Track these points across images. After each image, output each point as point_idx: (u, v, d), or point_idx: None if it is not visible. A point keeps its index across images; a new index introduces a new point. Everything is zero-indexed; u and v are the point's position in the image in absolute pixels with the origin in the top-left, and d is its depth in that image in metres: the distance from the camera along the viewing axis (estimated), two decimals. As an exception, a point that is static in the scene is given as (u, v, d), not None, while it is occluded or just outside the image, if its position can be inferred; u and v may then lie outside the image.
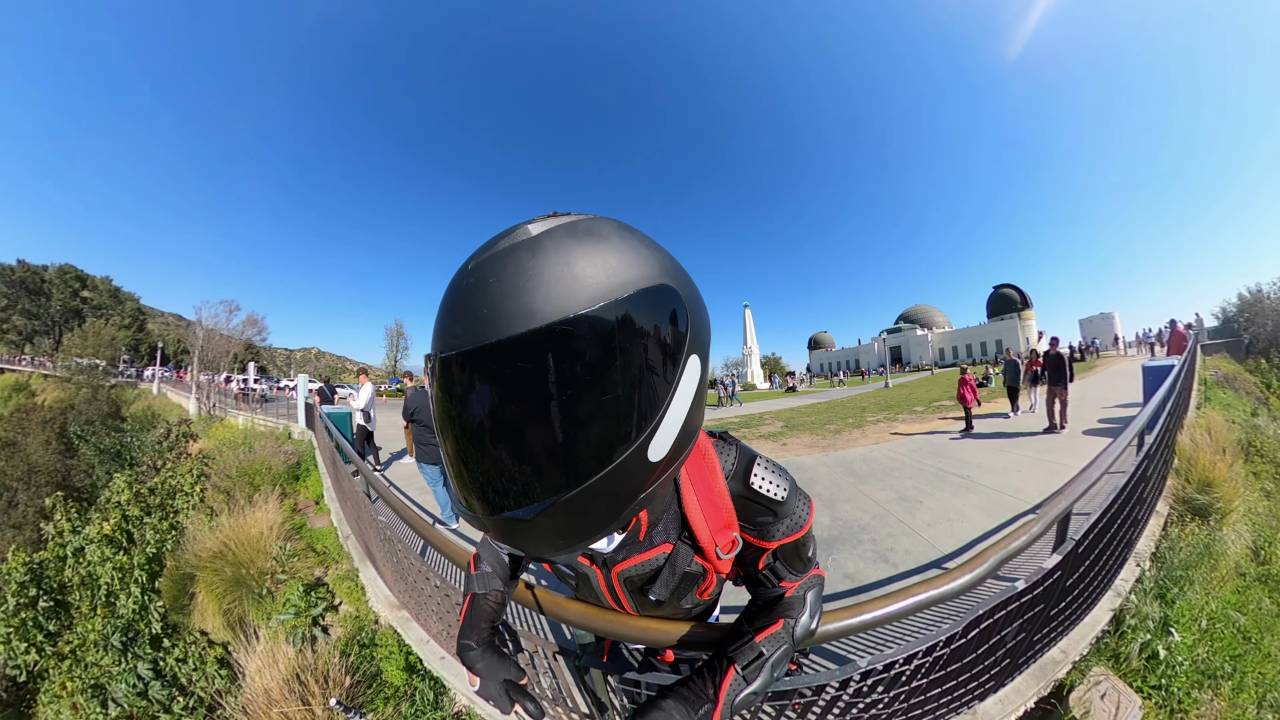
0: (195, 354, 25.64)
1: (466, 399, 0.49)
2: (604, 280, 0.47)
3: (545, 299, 0.44)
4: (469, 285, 0.48)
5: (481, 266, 0.48)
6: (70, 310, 58.35)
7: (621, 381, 0.48)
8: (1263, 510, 4.43)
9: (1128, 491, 2.46)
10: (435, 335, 0.51)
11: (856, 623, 1.02)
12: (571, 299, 0.45)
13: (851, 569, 3.61)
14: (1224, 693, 2.43)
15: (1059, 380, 7.87)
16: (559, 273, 0.46)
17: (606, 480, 0.49)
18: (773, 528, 0.76)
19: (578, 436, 0.47)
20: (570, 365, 0.45)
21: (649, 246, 0.54)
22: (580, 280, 0.46)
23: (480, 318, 0.46)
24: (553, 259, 0.46)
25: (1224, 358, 16.47)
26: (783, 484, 0.76)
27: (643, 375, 0.49)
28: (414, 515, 2.39)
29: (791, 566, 0.81)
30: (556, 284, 0.45)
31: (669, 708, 0.66)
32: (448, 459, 0.55)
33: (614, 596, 0.89)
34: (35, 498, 16.95)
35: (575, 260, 0.47)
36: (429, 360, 0.52)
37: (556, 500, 0.49)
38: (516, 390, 0.47)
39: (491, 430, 0.49)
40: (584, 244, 0.49)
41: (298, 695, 2.80)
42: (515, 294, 0.45)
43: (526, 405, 0.47)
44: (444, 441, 0.54)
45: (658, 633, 0.93)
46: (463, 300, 0.48)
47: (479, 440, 0.50)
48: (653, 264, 0.52)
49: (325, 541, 5.38)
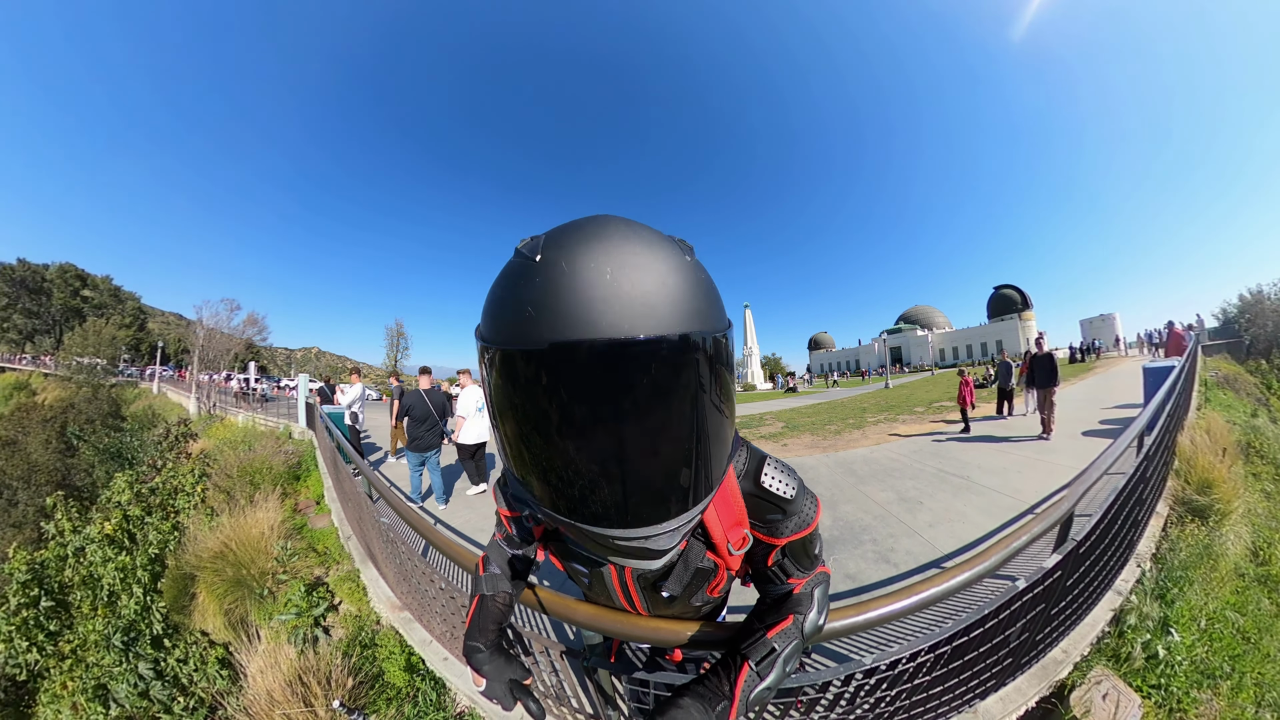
0: (196, 353, 25.64)
1: (629, 396, 0.44)
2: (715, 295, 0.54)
3: (713, 305, 0.51)
4: (626, 277, 0.44)
5: (633, 261, 0.46)
6: (71, 309, 58.36)
7: (730, 384, 0.54)
8: (1262, 511, 4.44)
9: (1127, 492, 2.47)
10: (592, 319, 0.43)
11: (862, 620, 1.03)
12: (720, 310, 0.52)
13: (853, 569, 3.61)
14: (1223, 692, 2.44)
15: (1048, 382, 7.57)
16: (703, 280, 0.51)
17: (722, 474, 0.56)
18: (782, 525, 0.78)
19: (727, 434, 0.54)
20: (719, 366, 0.50)
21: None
22: (713, 293, 0.53)
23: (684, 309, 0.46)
24: (696, 271, 0.51)
25: (1224, 359, 16.48)
26: (792, 483, 0.78)
27: (732, 394, 0.56)
28: (416, 516, 2.40)
29: (799, 563, 0.83)
30: (703, 294, 0.50)
31: (687, 705, 0.68)
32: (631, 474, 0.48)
33: (626, 594, 0.90)
34: (35, 497, 16.94)
35: (701, 272, 0.53)
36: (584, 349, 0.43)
37: (704, 505, 0.54)
38: (705, 379, 0.47)
39: (658, 434, 0.47)
40: (690, 258, 0.53)
41: (300, 697, 2.80)
42: (692, 296, 0.48)
43: (714, 395, 0.49)
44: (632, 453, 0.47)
45: (668, 632, 0.94)
46: (637, 285, 0.44)
47: (643, 447, 0.47)
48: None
49: (326, 542, 5.39)
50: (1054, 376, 7.55)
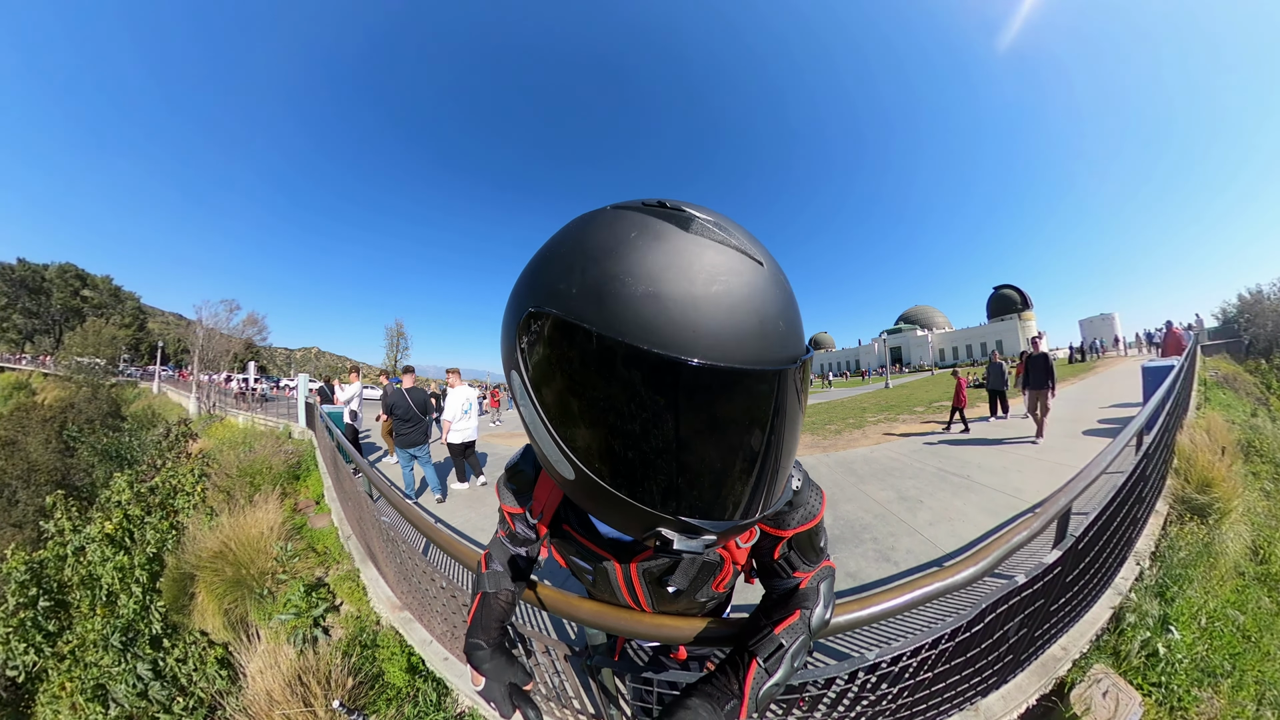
0: (195, 353, 25.61)
1: (794, 404, 0.51)
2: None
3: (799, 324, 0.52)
4: (776, 297, 0.48)
5: (770, 276, 0.49)
6: (70, 309, 58.31)
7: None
8: (1262, 510, 4.45)
9: (1127, 490, 2.47)
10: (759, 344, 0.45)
11: (865, 615, 1.03)
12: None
13: (854, 568, 3.62)
14: (1223, 690, 2.44)
15: (1042, 383, 7.32)
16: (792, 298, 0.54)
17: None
18: (788, 517, 0.78)
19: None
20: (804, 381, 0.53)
21: None
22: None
23: (796, 330, 0.50)
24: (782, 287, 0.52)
25: (1224, 358, 16.49)
26: (797, 474, 0.78)
27: None
28: (417, 515, 2.40)
29: (805, 556, 0.83)
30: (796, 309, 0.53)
31: (695, 706, 0.66)
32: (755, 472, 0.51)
33: (630, 591, 0.90)
34: (35, 496, 16.91)
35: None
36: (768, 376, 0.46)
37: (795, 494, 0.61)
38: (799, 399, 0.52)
39: (788, 438, 0.53)
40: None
41: (299, 697, 2.79)
42: (794, 321, 0.51)
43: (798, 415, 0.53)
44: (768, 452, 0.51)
45: (673, 629, 0.93)
46: (779, 309, 0.48)
47: (779, 449, 0.52)
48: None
49: (326, 541, 5.38)
50: (1049, 377, 7.35)
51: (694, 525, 0.51)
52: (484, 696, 0.76)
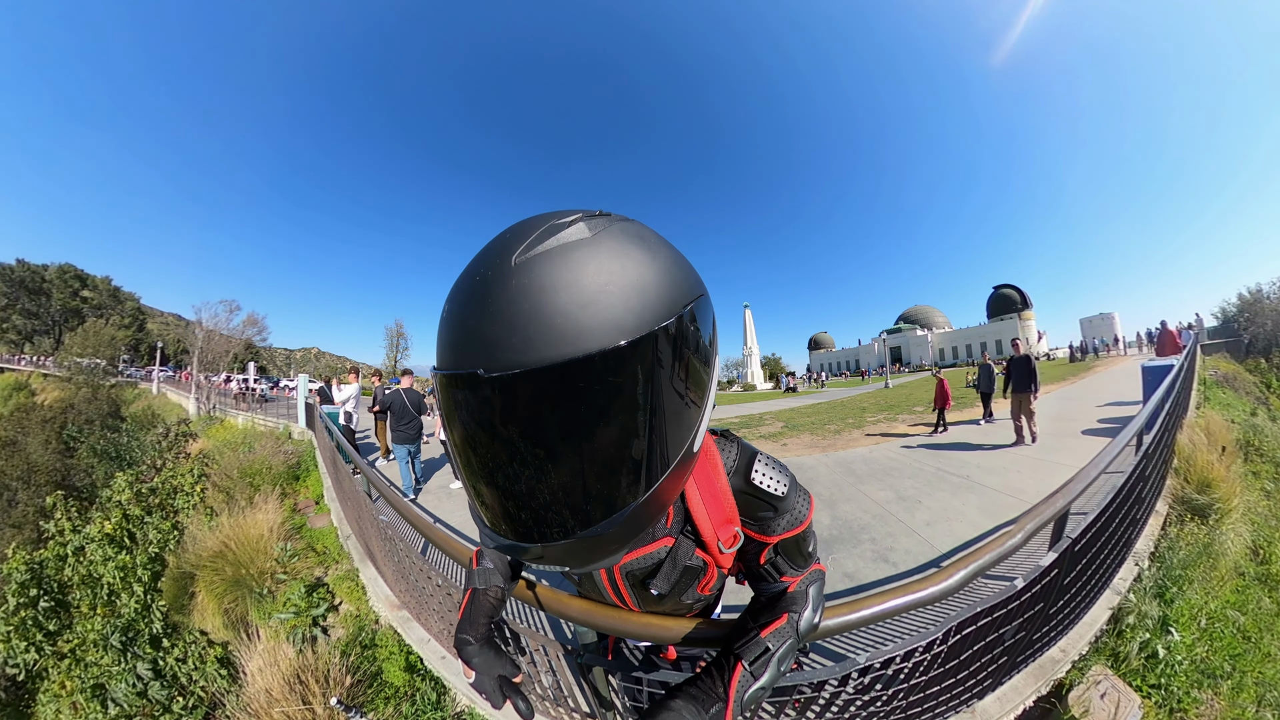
0: (195, 354, 25.61)
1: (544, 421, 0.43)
2: (669, 291, 0.46)
3: (626, 309, 0.42)
4: (523, 286, 0.41)
5: (536, 265, 0.42)
6: (70, 310, 58.36)
7: (686, 387, 0.48)
8: (1262, 510, 4.44)
9: (1126, 491, 2.46)
10: (471, 346, 0.43)
11: (855, 618, 1.02)
12: (648, 311, 0.43)
13: (851, 568, 3.61)
14: (1224, 692, 2.43)
15: (1024, 386, 7.08)
16: (631, 280, 0.44)
17: (671, 478, 0.50)
18: (773, 523, 0.77)
19: (655, 444, 0.46)
20: (650, 377, 0.44)
21: (674, 251, 0.52)
22: (650, 290, 0.44)
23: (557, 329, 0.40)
24: (620, 264, 0.44)
25: (1224, 357, 16.47)
26: (783, 480, 0.77)
27: (697, 379, 0.51)
28: (416, 514, 2.40)
29: (793, 561, 0.82)
30: (631, 292, 0.43)
31: (679, 708, 0.66)
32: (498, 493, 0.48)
33: (616, 591, 0.90)
34: (35, 497, 16.92)
35: (641, 268, 0.45)
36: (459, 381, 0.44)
37: (635, 506, 0.47)
38: (604, 406, 0.43)
39: (573, 451, 0.44)
40: (642, 250, 0.46)
41: (299, 695, 2.80)
42: (593, 302, 0.41)
43: (613, 421, 0.43)
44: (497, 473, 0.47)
45: (660, 628, 0.93)
46: (518, 304, 0.41)
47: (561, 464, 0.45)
48: (691, 271, 0.51)
49: (325, 541, 5.38)
50: (1031, 381, 7.09)
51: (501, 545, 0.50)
52: (475, 689, 0.76)
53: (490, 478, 0.47)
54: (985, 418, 9.40)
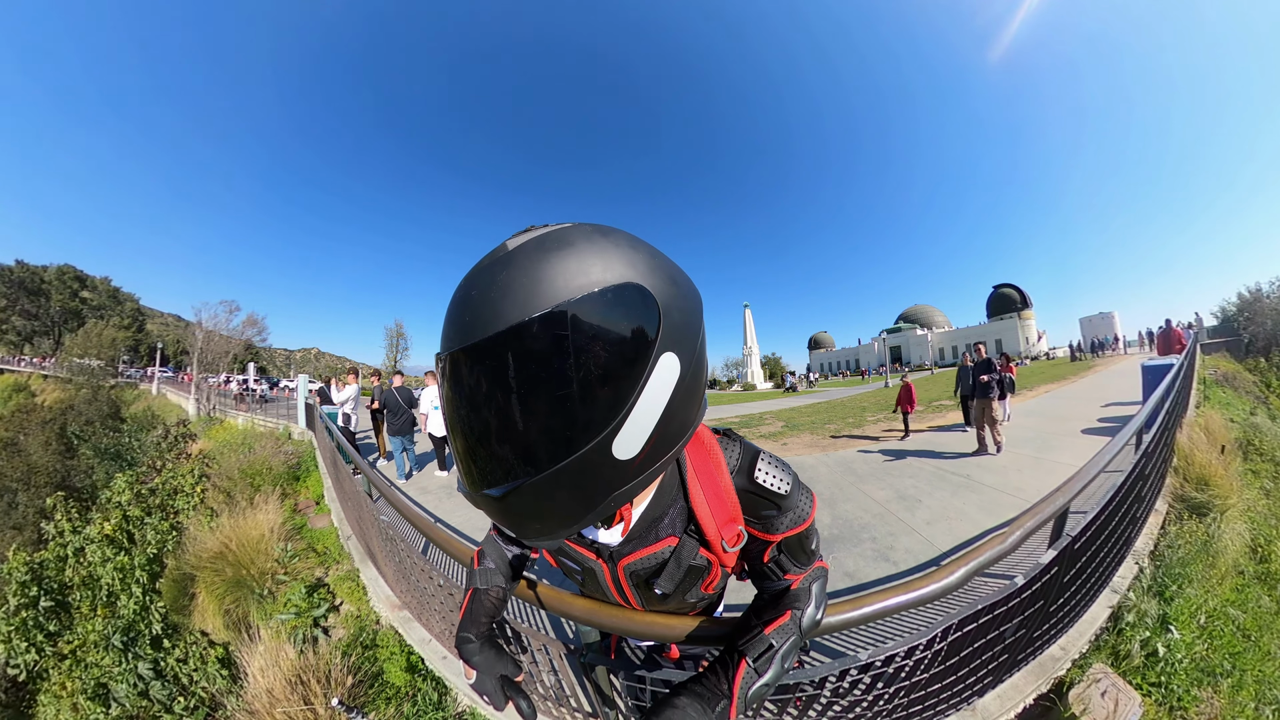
0: (195, 355, 25.60)
1: (457, 392, 0.56)
2: (562, 284, 0.50)
3: (511, 304, 0.49)
4: (459, 297, 0.55)
5: (469, 280, 0.55)
6: (70, 311, 58.31)
7: (576, 378, 0.49)
8: (1262, 508, 4.44)
9: (1125, 489, 2.47)
10: (447, 331, 0.57)
11: (857, 615, 1.03)
12: (531, 303, 0.49)
13: (852, 567, 3.62)
14: (1223, 690, 2.43)
15: (987, 393, 6.68)
16: (524, 280, 0.50)
17: (570, 472, 0.52)
18: (777, 521, 0.78)
19: (537, 427, 0.52)
20: (528, 361, 0.50)
21: (621, 249, 0.55)
22: (541, 286, 0.50)
23: (463, 324, 0.53)
24: (522, 269, 0.51)
25: (1223, 357, 16.50)
26: (786, 478, 0.77)
27: (603, 372, 0.51)
28: (416, 514, 2.40)
29: (796, 559, 0.82)
30: (520, 290, 0.50)
31: (684, 705, 0.66)
32: (451, 443, 0.61)
33: (620, 591, 0.90)
34: (35, 498, 16.91)
35: (540, 268, 0.51)
36: (438, 360, 0.59)
37: (522, 483, 0.53)
38: (488, 384, 0.53)
39: (471, 419, 0.55)
40: (550, 253, 0.52)
41: (300, 695, 2.80)
42: (489, 302, 0.51)
43: (495, 398, 0.53)
44: (448, 428, 0.60)
45: (664, 627, 0.93)
46: (455, 310, 0.55)
47: (466, 427, 0.57)
48: (620, 265, 0.54)
49: (326, 542, 5.38)
50: (989, 388, 6.69)
51: (463, 491, 0.61)
52: (476, 690, 0.76)
53: (455, 433, 0.58)
54: (968, 424, 8.59)
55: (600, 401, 0.51)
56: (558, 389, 0.50)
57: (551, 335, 0.49)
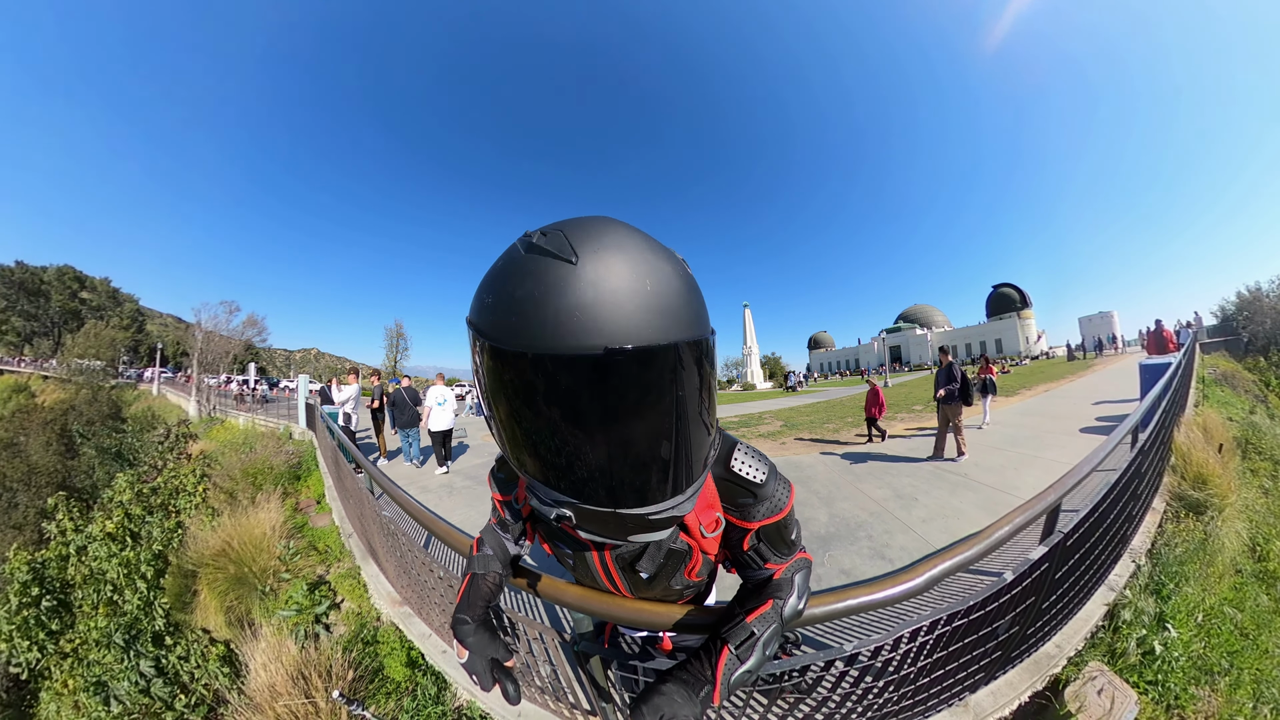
0: (195, 355, 25.62)
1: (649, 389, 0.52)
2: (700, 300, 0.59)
3: (694, 314, 0.55)
4: (613, 287, 0.50)
5: (615, 269, 0.51)
6: (69, 311, 58.34)
7: (713, 375, 0.59)
8: (1260, 507, 4.45)
9: (1120, 487, 2.48)
10: (596, 328, 0.49)
11: (841, 607, 1.05)
12: (704, 315, 0.57)
13: (848, 565, 3.63)
14: (1221, 689, 2.43)
15: (950, 398, 6.52)
16: (688, 291, 0.56)
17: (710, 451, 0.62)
18: (753, 509, 0.80)
19: (705, 420, 0.58)
20: (704, 364, 0.56)
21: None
22: (697, 297, 0.58)
23: (639, 319, 0.50)
24: (682, 279, 0.56)
25: (1223, 356, 16.50)
26: (761, 468, 0.80)
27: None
28: (417, 509, 2.43)
29: (775, 548, 0.84)
30: (694, 300, 0.56)
31: (670, 691, 0.69)
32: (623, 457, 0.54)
33: (608, 576, 0.93)
34: (36, 498, 16.93)
35: (688, 281, 0.58)
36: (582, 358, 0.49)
37: (702, 479, 0.60)
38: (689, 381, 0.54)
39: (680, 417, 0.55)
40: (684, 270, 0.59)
41: (301, 689, 2.83)
42: (687, 303, 0.54)
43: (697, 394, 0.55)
44: (603, 438, 0.53)
45: (653, 614, 0.96)
46: (607, 299, 0.50)
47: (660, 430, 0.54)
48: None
49: (327, 540, 5.41)
50: (953, 395, 6.54)
51: (539, 493, 0.60)
52: (467, 669, 0.78)
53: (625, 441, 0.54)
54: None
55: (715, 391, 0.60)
56: (711, 387, 0.57)
57: (709, 343, 0.57)
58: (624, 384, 0.50)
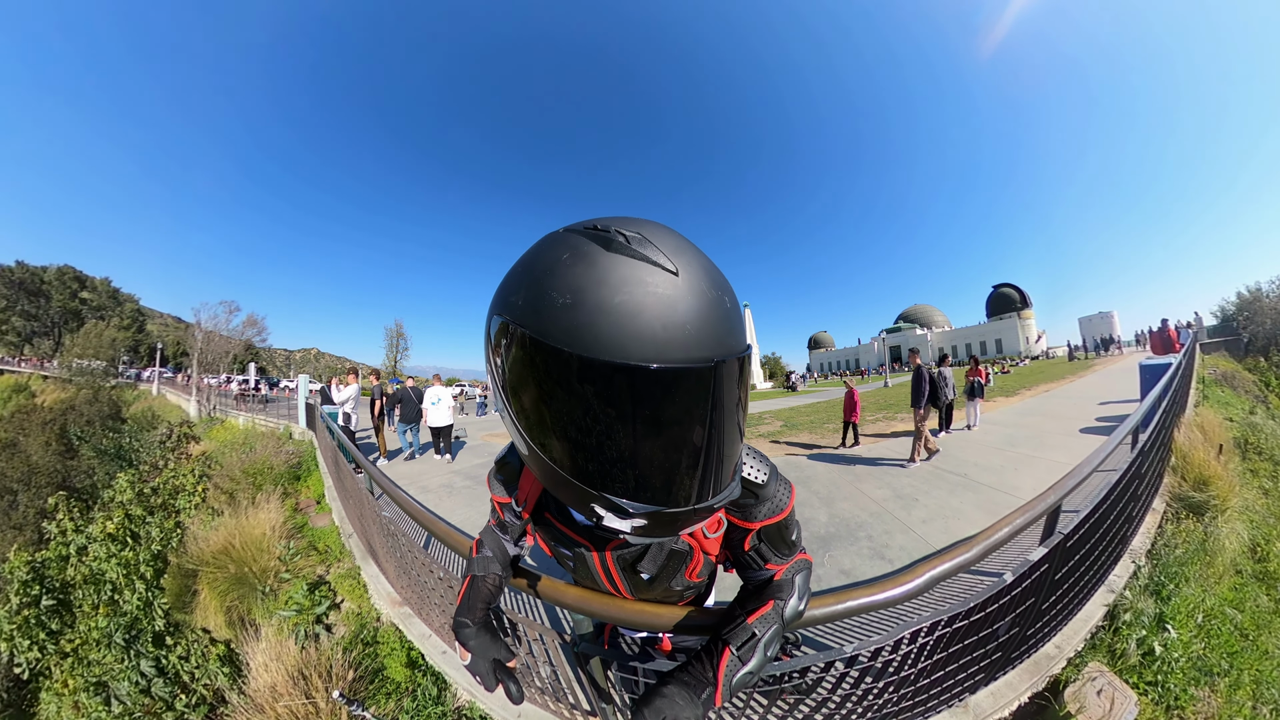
0: (195, 355, 25.63)
1: (727, 396, 0.55)
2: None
3: (741, 324, 0.58)
4: (714, 298, 0.54)
5: (708, 281, 0.54)
6: (69, 311, 58.31)
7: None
8: (1260, 508, 4.45)
9: (1120, 488, 2.47)
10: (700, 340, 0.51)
11: (842, 609, 1.05)
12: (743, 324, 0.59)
13: (848, 565, 3.63)
14: (1221, 689, 2.43)
15: (916, 401, 6.45)
16: (735, 304, 0.59)
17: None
18: (754, 509, 0.80)
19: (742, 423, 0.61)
20: (745, 373, 0.58)
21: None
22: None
23: (732, 329, 0.55)
24: (729, 292, 0.58)
25: (1223, 356, 16.50)
26: (763, 469, 0.80)
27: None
28: (417, 509, 2.43)
29: (776, 549, 0.84)
30: (739, 311, 0.59)
31: (671, 694, 0.69)
32: (693, 460, 0.56)
33: (609, 577, 0.92)
34: (36, 498, 16.92)
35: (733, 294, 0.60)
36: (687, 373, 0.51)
37: (737, 479, 0.62)
38: (738, 389, 0.56)
39: (734, 421, 0.58)
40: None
41: (302, 690, 2.83)
42: (740, 312, 0.58)
43: (740, 402, 0.58)
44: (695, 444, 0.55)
45: (653, 616, 0.95)
46: (720, 312, 0.54)
47: (723, 435, 0.56)
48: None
49: (327, 540, 5.41)
50: (920, 398, 6.47)
51: (617, 504, 0.57)
52: (470, 671, 0.78)
53: (701, 446, 0.56)
54: (943, 428, 8.33)
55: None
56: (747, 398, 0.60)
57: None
58: (720, 392, 0.53)
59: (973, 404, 8.39)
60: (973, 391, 8.38)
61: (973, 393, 8.36)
